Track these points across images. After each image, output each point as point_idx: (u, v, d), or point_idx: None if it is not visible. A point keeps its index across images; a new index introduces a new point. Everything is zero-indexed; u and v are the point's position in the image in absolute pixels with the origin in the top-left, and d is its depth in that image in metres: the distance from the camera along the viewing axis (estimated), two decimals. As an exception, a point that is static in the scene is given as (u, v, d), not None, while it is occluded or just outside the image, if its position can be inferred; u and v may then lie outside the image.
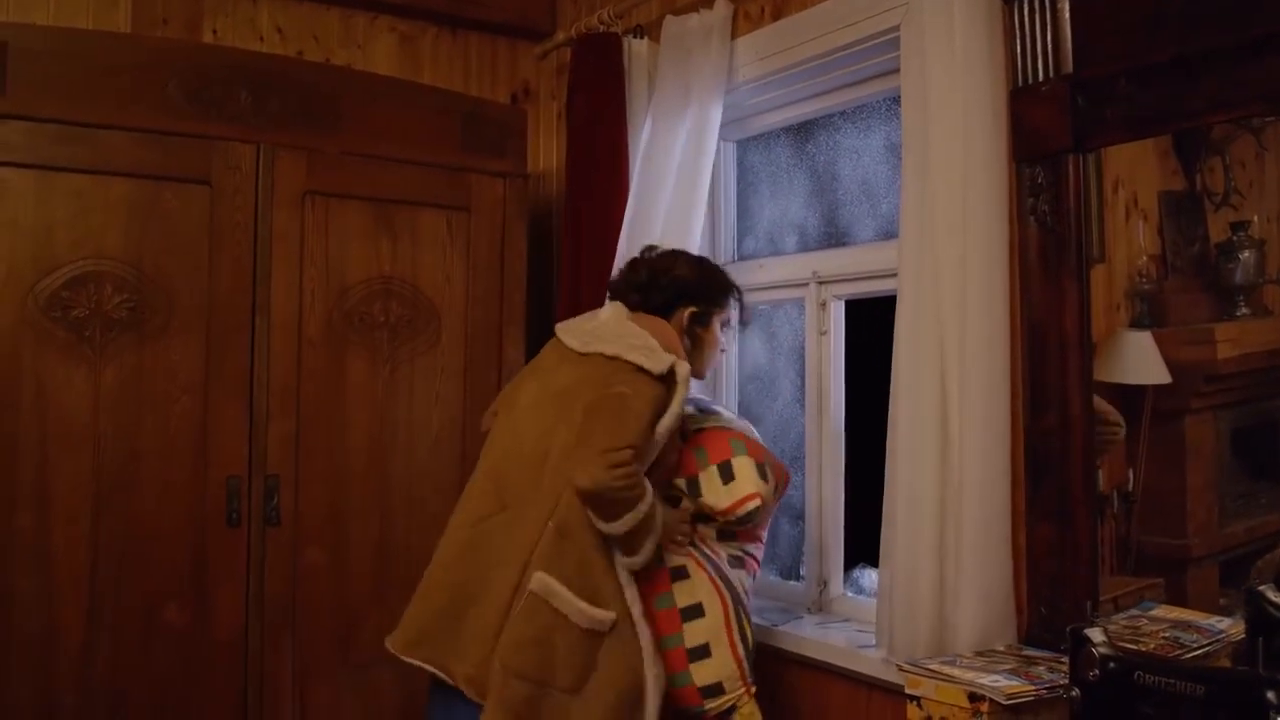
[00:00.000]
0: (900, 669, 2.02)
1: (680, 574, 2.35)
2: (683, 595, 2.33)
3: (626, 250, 2.87)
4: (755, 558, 2.46)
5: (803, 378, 2.92)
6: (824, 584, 2.84)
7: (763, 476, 2.36)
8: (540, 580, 2.11)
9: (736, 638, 2.32)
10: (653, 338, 2.27)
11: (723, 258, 3.15)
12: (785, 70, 2.80)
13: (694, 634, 2.31)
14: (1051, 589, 2.10)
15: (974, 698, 1.81)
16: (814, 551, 2.86)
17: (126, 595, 2.49)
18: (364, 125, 2.81)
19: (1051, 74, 2.09)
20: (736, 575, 2.39)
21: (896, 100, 2.41)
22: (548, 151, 3.67)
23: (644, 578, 2.26)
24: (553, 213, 3.61)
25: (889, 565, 2.27)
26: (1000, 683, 1.81)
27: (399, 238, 2.85)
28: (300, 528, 2.69)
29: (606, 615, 2.14)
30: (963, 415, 2.12)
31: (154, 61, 2.56)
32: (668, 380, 2.20)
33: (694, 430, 2.47)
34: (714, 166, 3.05)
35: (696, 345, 2.45)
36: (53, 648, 2.42)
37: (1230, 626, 1.87)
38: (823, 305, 2.84)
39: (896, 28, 2.37)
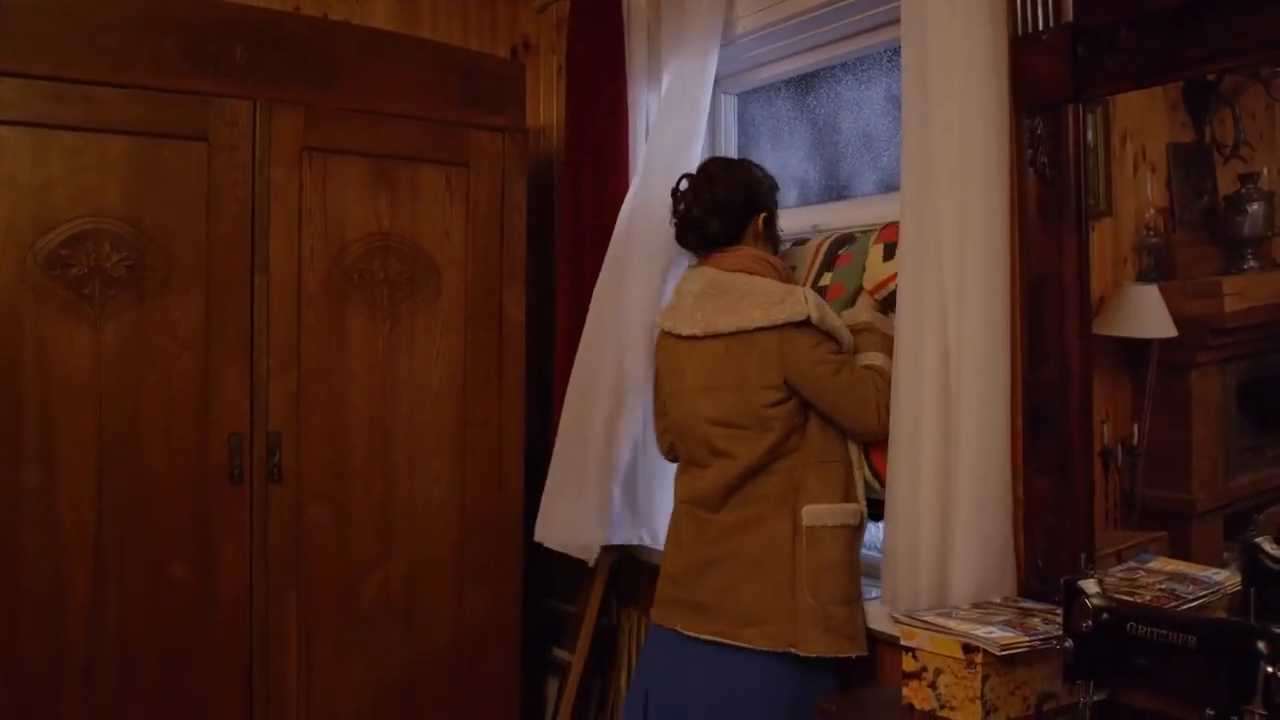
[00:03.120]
0: (896, 620, 2.03)
1: None
2: None
3: (638, 205, 2.87)
4: None
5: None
6: (825, 537, 2.85)
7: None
8: (810, 512, 2.32)
9: None
10: (760, 277, 2.37)
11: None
12: (785, 21, 2.78)
13: None
14: (1049, 541, 2.11)
15: (969, 649, 1.82)
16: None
17: (131, 552, 2.52)
18: (362, 80, 2.79)
19: (1052, 23, 2.06)
20: None
21: (897, 51, 2.39)
22: (548, 106, 3.64)
23: None
24: (553, 167, 3.59)
25: (892, 519, 2.27)
26: (995, 634, 1.82)
27: (398, 194, 2.84)
28: (303, 484, 2.71)
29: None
30: (962, 367, 2.11)
31: (148, 17, 2.53)
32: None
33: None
34: (715, 120, 3.04)
35: (776, 248, 2.53)
36: (60, 605, 2.45)
37: (1226, 578, 1.88)
38: (823, 259, 2.83)
39: (897, -24, 2.35)
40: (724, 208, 2.44)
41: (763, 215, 2.47)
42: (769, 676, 2.31)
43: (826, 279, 2.52)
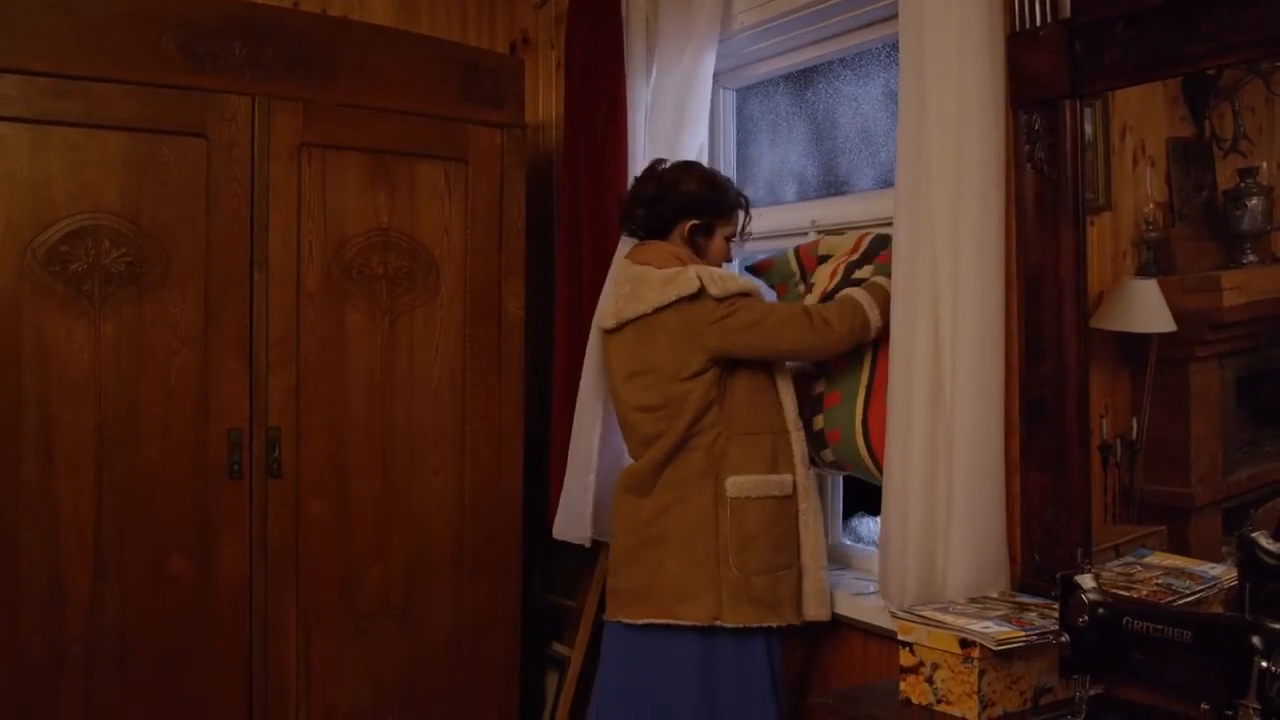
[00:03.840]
0: (893, 615, 2.04)
1: None
2: None
3: None
4: None
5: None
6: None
7: None
8: (734, 483, 2.37)
9: None
10: (662, 268, 2.43)
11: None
12: (784, 16, 2.78)
13: None
14: (1045, 536, 2.11)
15: (965, 643, 1.83)
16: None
17: (131, 547, 2.52)
18: (361, 76, 2.79)
19: (1049, 18, 2.07)
20: None
21: (896, 46, 2.39)
22: (546, 101, 3.64)
23: None
24: (552, 163, 3.59)
25: (888, 513, 2.28)
26: (991, 629, 1.83)
27: (397, 189, 2.84)
28: (302, 479, 2.71)
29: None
30: (955, 363, 2.12)
31: (148, 14, 2.53)
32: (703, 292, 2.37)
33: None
34: (714, 115, 3.03)
35: (700, 255, 2.55)
36: (60, 599, 2.45)
37: (1223, 573, 1.89)
38: (822, 254, 2.83)
39: (894, -28, 2.35)
40: (652, 204, 2.55)
41: (691, 222, 2.53)
42: (702, 650, 2.37)
43: (866, 271, 2.53)
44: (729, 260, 2.65)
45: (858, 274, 2.53)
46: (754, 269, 2.82)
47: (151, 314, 2.54)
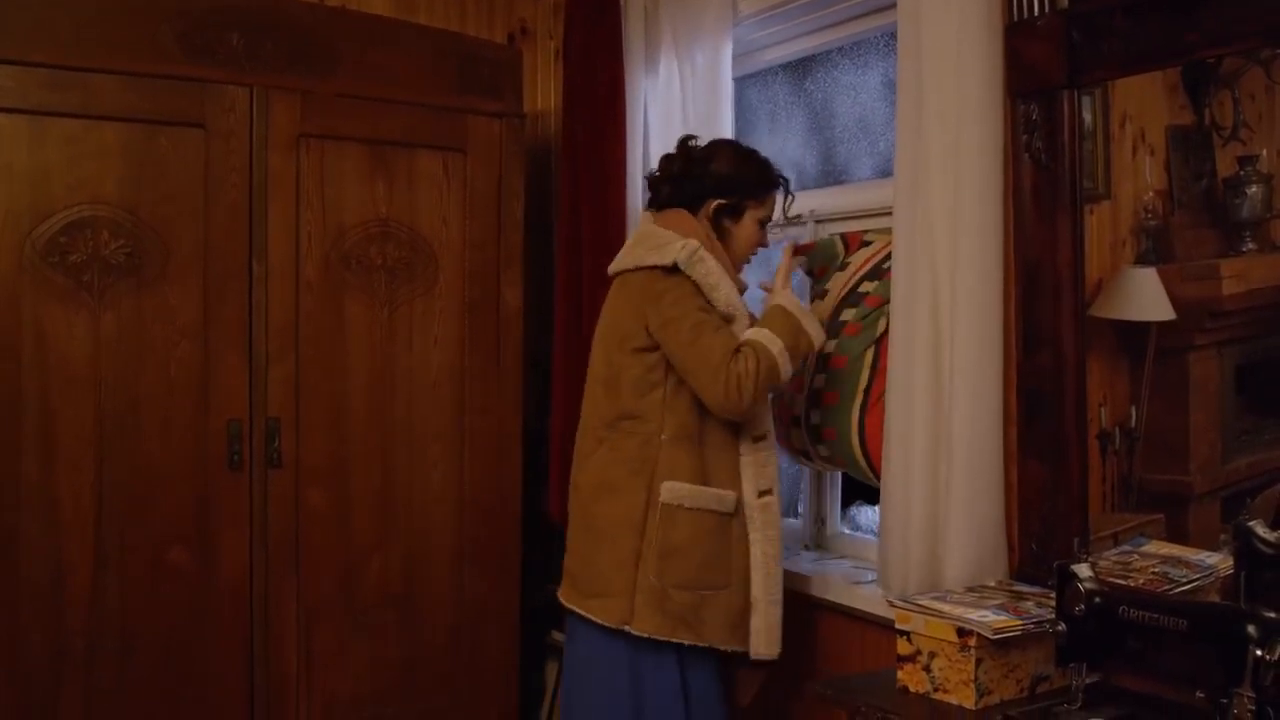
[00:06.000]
0: (891, 604, 2.04)
1: None
2: None
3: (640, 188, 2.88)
4: None
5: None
6: (822, 521, 2.87)
7: None
8: (669, 489, 2.27)
9: None
10: (669, 230, 2.33)
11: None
12: (784, 5, 2.78)
13: None
14: (1043, 525, 2.12)
15: (962, 632, 1.84)
16: (812, 489, 2.88)
17: (132, 539, 2.53)
18: (359, 67, 2.79)
19: (1047, 8, 2.06)
20: None
21: (894, 36, 2.39)
22: (545, 92, 3.64)
23: None
24: (551, 153, 3.59)
25: (887, 503, 2.29)
26: (988, 617, 1.83)
27: (395, 180, 2.84)
28: (302, 470, 2.72)
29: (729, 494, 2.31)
30: (954, 353, 2.12)
31: (145, 4, 2.53)
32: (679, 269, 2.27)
33: None
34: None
35: (724, 238, 2.43)
36: (61, 592, 2.46)
37: (1220, 562, 1.89)
38: (820, 244, 2.83)
39: (893, -39, 2.34)
40: (678, 181, 2.44)
41: (717, 202, 2.41)
42: (608, 651, 2.31)
43: (870, 286, 2.53)
44: (763, 246, 2.51)
45: (863, 287, 2.53)
46: (796, 251, 2.72)
47: (151, 305, 2.54)
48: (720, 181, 2.41)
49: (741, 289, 2.41)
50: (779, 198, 2.51)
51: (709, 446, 2.32)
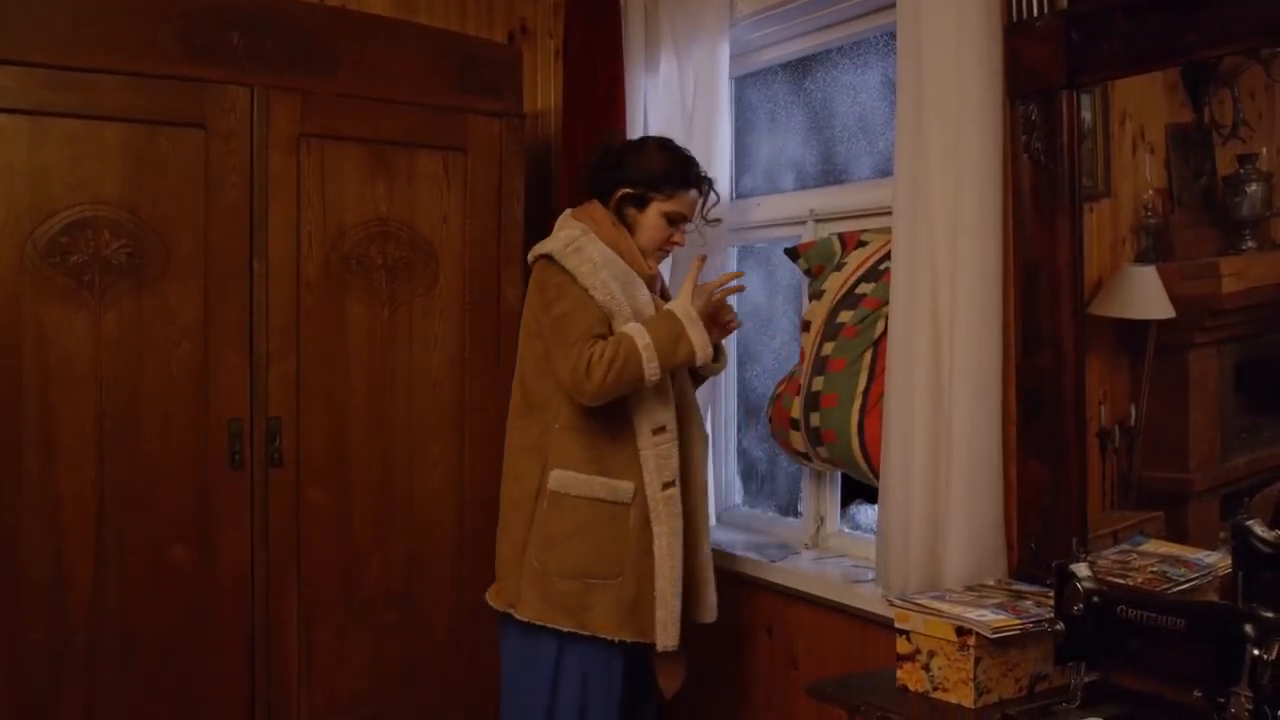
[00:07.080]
0: (890, 603, 2.05)
1: None
2: None
3: None
4: None
5: (800, 316, 2.92)
6: (821, 520, 2.87)
7: None
8: (557, 476, 2.31)
9: None
10: (575, 221, 2.42)
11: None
12: (783, 4, 2.78)
13: None
14: (1042, 525, 2.12)
15: (961, 631, 1.84)
16: (811, 488, 2.88)
17: (133, 537, 2.53)
18: (359, 66, 2.79)
19: (1046, 9, 2.07)
20: None
21: (894, 35, 2.39)
22: (545, 91, 3.64)
23: None
24: (551, 152, 3.59)
25: (886, 501, 2.29)
26: (987, 617, 1.84)
27: (395, 179, 2.85)
28: (302, 469, 2.72)
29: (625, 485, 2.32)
30: (954, 352, 2.12)
31: (145, 4, 2.53)
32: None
33: None
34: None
35: (631, 228, 2.48)
36: (62, 590, 2.46)
37: (1218, 561, 1.89)
38: (820, 244, 2.83)
39: (892, -39, 2.34)
40: (594, 171, 2.53)
41: (623, 191, 2.46)
42: (501, 635, 2.40)
43: (868, 289, 2.54)
44: (675, 244, 2.53)
45: (860, 288, 2.53)
46: (793, 251, 2.77)
47: (151, 305, 2.55)
48: (630, 172, 2.47)
49: (649, 280, 2.46)
50: (697, 199, 2.53)
51: (603, 437, 2.34)
